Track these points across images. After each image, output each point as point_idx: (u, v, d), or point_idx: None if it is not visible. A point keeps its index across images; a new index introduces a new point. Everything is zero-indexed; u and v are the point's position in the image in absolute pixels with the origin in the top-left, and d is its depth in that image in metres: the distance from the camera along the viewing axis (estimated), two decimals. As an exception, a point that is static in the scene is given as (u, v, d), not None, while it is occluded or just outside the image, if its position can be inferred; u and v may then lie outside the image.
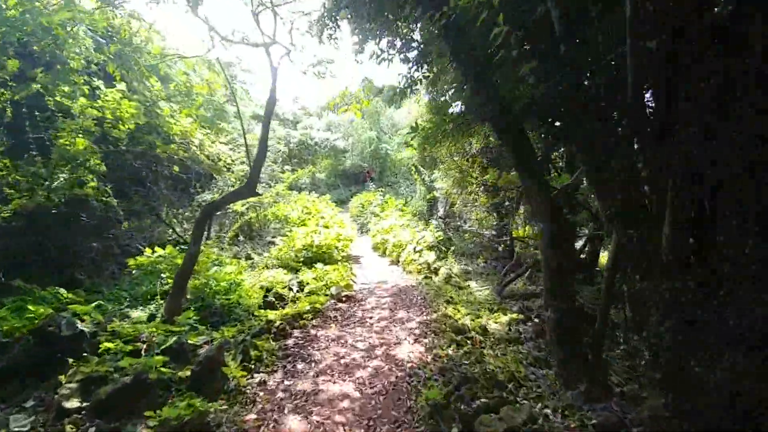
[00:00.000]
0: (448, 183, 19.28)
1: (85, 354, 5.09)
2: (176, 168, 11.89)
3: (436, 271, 11.22)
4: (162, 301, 7.33)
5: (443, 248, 13.69)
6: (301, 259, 11.57)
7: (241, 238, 13.17)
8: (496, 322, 6.98)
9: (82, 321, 5.79)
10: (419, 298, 8.75)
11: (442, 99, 7.30)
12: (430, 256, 11.82)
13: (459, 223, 20.88)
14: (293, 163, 22.48)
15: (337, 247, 12.70)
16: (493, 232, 17.11)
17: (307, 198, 19.31)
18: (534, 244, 11.94)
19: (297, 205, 16.22)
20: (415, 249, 12.26)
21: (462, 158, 14.91)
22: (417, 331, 6.66)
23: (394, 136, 25.41)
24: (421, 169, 22.87)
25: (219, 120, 13.54)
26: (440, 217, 20.49)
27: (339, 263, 12.29)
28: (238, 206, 12.64)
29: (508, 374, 4.66)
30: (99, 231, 9.63)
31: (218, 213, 12.97)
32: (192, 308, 7.27)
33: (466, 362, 5.26)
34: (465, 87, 3.72)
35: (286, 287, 8.90)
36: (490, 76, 3.85)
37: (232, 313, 7.24)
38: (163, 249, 8.93)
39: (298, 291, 8.84)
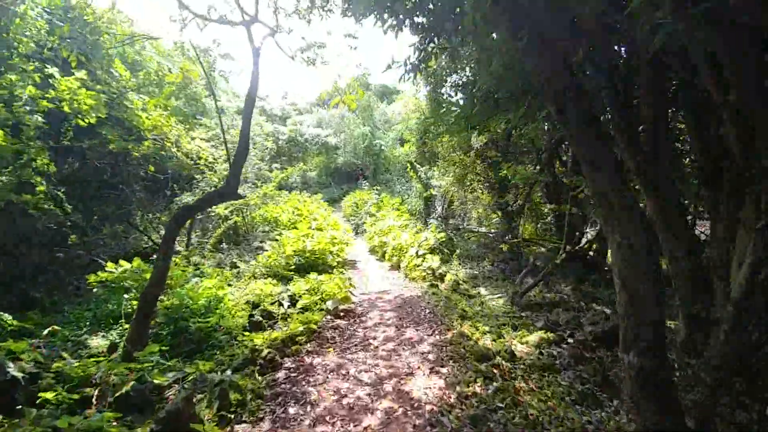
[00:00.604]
0: (447, 180, 18.33)
1: (20, 407, 3.97)
2: (152, 168, 10.68)
3: (441, 278, 10.20)
4: (128, 325, 6.20)
5: (446, 250, 12.69)
6: (293, 267, 10.47)
7: (224, 244, 12.00)
8: (523, 343, 5.97)
9: (19, 360, 4.65)
10: (427, 311, 7.71)
11: (468, 77, 6.19)
12: (434, 261, 10.78)
13: (457, 222, 19.98)
14: (282, 161, 21.28)
15: (332, 252, 11.62)
16: (493, 231, 16.18)
17: (298, 198, 18.15)
18: (549, 247, 10.98)
19: (287, 207, 15.07)
20: (417, 253, 11.21)
21: (464, 153, 13.92)
22: (431, 357, 5.62)
23: (389, 131, 24.34)
24: (417, 165, 21.89)
25: (200, 114, 12.33)
26: (438, 217, 19.59)
27: (335, 270, 11.20)
28: (221, 209, 11.46)
29: (563, 428, 3.64)
30: (57, 241, 8.41)
31: (200, 217, 11.79)
32: (163, 333, 6.16)
33: (500, 405, 4.23)
34: (523, 46, 2.65)
35: (275, 302, 7.80)
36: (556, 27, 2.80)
37: (210, 338, 6.13)
38: (138, 258, 7.78)
39: (289, 306, 7.74)
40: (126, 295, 6.66)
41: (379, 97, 36.48)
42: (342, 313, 7.69)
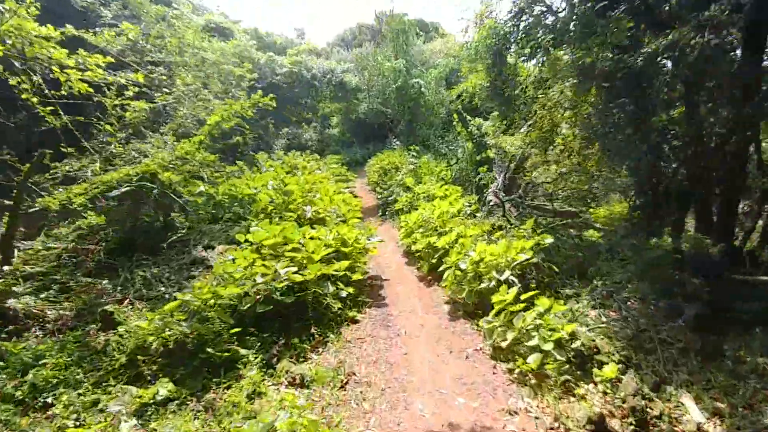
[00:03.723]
0: (518, 138, 12.07)
1: None
2: None
3: (583, 366, 4.22)
4: None
5: (549, 266, 6.56)
6: (250, 321, 4.76)
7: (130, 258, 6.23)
8: None
9: None
10: None
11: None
12: (560, 314, 4.73)
13: (523, 198, 13.74)
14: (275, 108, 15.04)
15: (337, 281, 5.80)
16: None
17: (296, 162, 12.16)
18: None
19: (271, 177, 9.12)
20: (516, 290, 5.09)
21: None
22: None
23: (430, 69, 17.48)
24: (466, 116, 15.30)
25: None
26: (498, 189, 13.40)
27: (342, 317, 5.45)
28: (59, 197, 5.44)
29: None
30: None
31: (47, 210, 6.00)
32: None
33: None
34: None
35: None
36: None
37: None
38: None
39: None
40: None
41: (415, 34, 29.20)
42: None
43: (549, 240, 6.53)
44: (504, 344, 4.45)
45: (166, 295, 5.66)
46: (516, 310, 4.81)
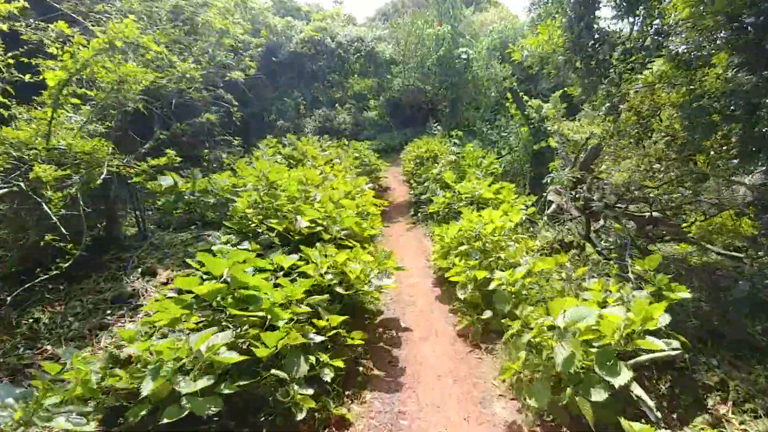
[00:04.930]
0: (598, 124, 9.19)
1: None
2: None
3: None
4: None
5: (681, 338, 3.81)
6: None
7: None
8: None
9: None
10: None
11: None
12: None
13: (612, 206, 10.78)
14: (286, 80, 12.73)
15: (320, 351, 3.46)
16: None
17: (307, 148, 9.85)
18: None
19: (260, 170, 6.85)
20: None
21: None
22: None
23: (482, 40, 14.43)
24: (523, 96, 12.34)
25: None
26: (563, 187, 10.58)
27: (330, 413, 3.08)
28: None
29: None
30: None
31: None
32: None
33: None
34: None
35: None
36: None
37: None
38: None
39: None
40: None
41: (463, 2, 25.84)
42: None
43: (683, 294, 3.82)
44: None
45: (47, 361, 3.59)
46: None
